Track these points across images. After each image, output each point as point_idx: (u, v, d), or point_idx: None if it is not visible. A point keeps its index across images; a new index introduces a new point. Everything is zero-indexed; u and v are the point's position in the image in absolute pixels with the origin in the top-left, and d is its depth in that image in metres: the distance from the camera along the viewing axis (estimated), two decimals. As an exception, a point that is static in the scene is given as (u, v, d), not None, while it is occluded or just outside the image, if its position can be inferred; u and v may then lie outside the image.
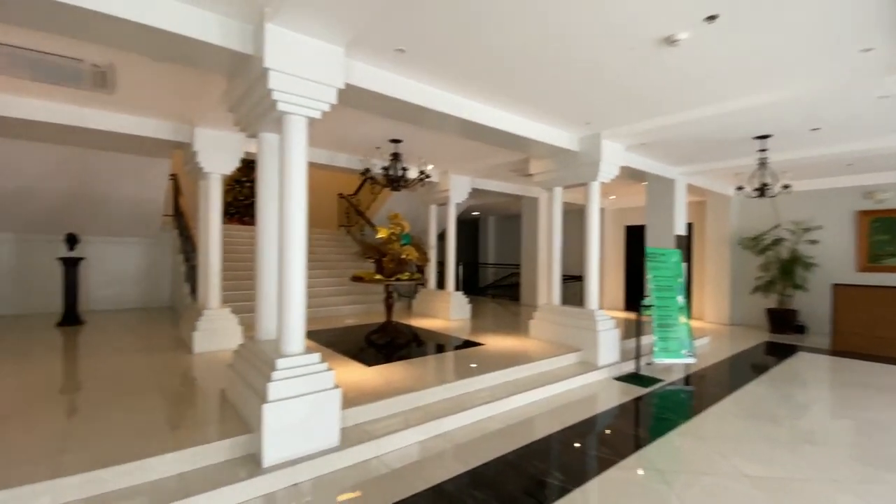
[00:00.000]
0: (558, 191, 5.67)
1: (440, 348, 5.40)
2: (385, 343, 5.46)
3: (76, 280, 6.51)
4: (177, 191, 8.34)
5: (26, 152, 5.79)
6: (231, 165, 5.02)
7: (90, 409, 3.11)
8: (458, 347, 5.35)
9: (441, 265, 7.83)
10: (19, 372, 4.00)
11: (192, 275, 6.76)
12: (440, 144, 5.65)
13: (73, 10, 2.23)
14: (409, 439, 3.13)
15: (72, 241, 6.52)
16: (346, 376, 3.92)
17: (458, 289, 7.72)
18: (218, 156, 4.93)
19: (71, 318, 6.40)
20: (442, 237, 8.48)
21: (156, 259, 8.46)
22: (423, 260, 5.62)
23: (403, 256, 5.29)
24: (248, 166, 10.35)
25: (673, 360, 5.00)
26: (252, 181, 10.70)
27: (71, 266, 6.46)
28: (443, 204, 7.61)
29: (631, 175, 6.57)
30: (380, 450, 2.95)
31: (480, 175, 7.50)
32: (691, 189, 7.56)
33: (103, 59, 3.28)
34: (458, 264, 8.67)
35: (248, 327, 5.44)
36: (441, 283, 7.80)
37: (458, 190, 7.25)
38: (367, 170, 5.33)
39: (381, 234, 5.49)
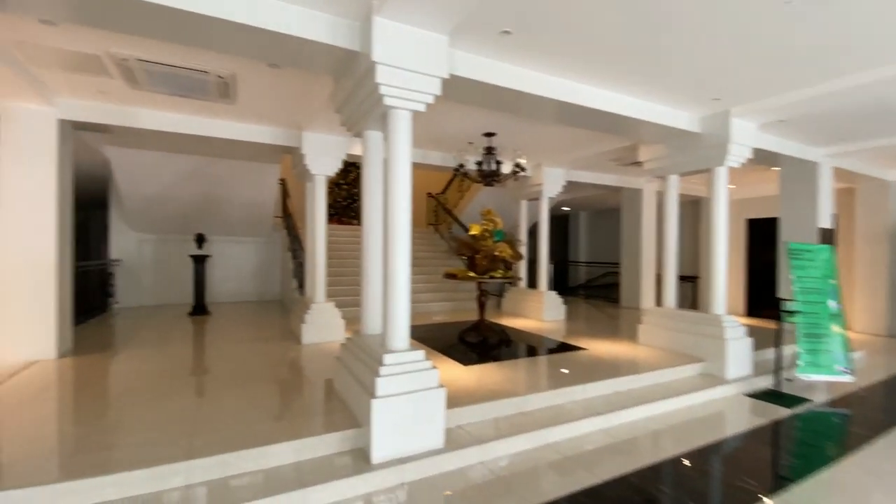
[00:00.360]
0: (674, 179, 5.07)
1: (537, 351, 5.13)
2: (478, 342, 5.33)
3: (204, 275, 7.32)
4: (285, 194, 9.02)
5: (163, 162, 6.62)
6: (334, 167, 5.24)
7: (215, 392, 3.39)
8: (556, 351, 5.03)
9: (532, 263, 7.51)
10: (159, 356, 4.54)
11: (299, 271, 7.25)
12: (535, 136, 5.37)
13: (197, 19, 2.38)
14: (514, 447, 2.94)
15: (200, 240, 7.34)
16: (442, 375, 3.84)
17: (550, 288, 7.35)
18: (323, 158, 5.17)
19: (200, 308, 7.21)
20: (532, 234, 8.15)
21: (267, 257, 9.26)
22: (516, 257, 5.39)
23: (496, 253, 5.11)
24: (345, 169, 10.92)
25: (823, 377, 4.19)
26: (349, 183, 11.28)
27: (199, 263, 7.28)
28: (534, 199, 7.29)
29: (761, 159, 5.68)
30: (485, 455, 2.81)
31: (576, 166, 7.05)
32: (837, 174, 6.36)
33: (225, 70, 3.55)
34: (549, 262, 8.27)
35: (350, 321, 5.69)
36: (532, 282, 7.49)
37: (552, 183, 6.88)
38: (461, 165, 5.23)
39: (474, 230, 5.37)
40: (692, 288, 9.72)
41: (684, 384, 4.18)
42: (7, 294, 4.10)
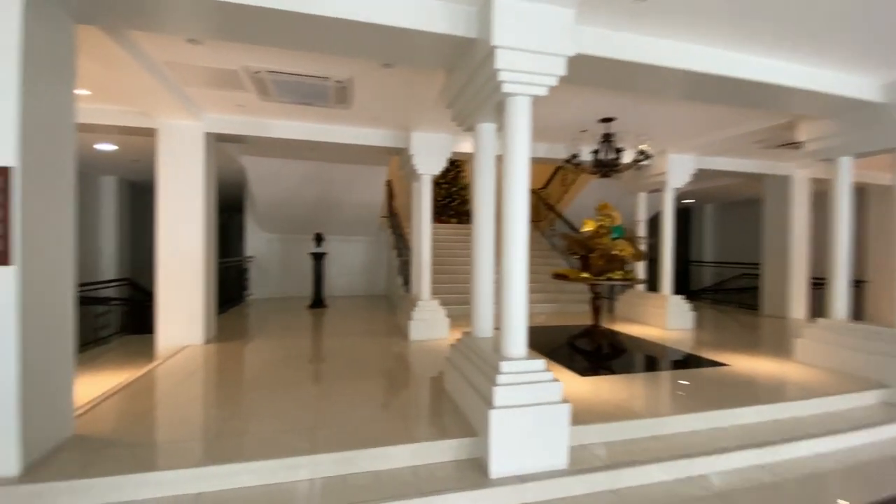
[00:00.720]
0: (845, 162, 4.11)
1: (663, 364, 4.54)
2: (592, 350, 4.89)
3: (322, 271, 7.88)
4: (390, 195, 9.34)
5: (287, 168, 7.23)
6: (440, 165, 5.21)
7: (333, 384, 3.51)
8: (687, 365, 4.40)
9: (651, 263, 6.75)
10: (284, 345, 4.91)
11: (404, 268, 7.44)
12: (660, 118, 4.75)
13: (321, 22, 2.41)
14: (649, 476, 2.54)
15: (319, 239, 7.92)
16: (559, 384, 3.54)
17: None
18: (430, 157, 5.17)
19: (318, 302, 7.78)
20: (650, 230, 7.35)
21: (374, 255, 9.72)
22: (637, 256, 4.84)
23: (615, 252, 4.62)
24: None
25: None
26: (447, 182, 11.37)
27: (318, 260, 7.86)
28: (655, 190, 6.54)
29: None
30: (615, 482, 2.47)
31: (709, 152, 6.14)
32: None
33: (343, 75, 3.66)
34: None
35: (454, 319, 5.65)
36: (652, 285, 6.73)
37: (679, 172, 6.09)
38: (574, 155, 4.83)
39: (588, 226, 4.93)
40: (856, 294, 7.98)
41: (862, 415, 3.34)
42: (166, 287, 4.76)
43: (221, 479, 2.18)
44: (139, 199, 9.94)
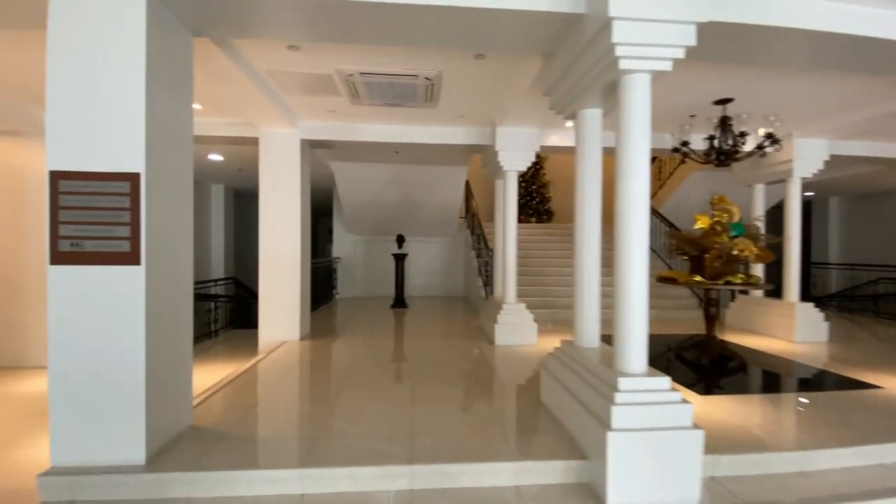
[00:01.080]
0: None
1: (798, 384, 3.87)
2: (706, 364, 4.32)
3: (403, 272, 7.97)
4: (468, 195, 9.23)
5: (371, 172, 7.41)
6: (527, 161, 4.96)
7: (424, 388, 3.41)
8: (829, 386, 3.70)
9: (772, 265, 5.87)
10: (372, 343, 4.97)
11: (484, 270, 7.26)
12: (785, 97, 4.06)
13: (415, 11, 2.30)
14: (804, 523, 2.10)
15: (400, 240, 8.02)
16: (674, 402, 3.12)
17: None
18: (516, 153, 4.94)
19: (399, 302, 7.88)
20: (768, 227, 6.40)
21: (452, 255, 9.66)
22: (763, 257, 4.18)
23: (735, 252, 4.02)
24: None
25: None
26: (525, 180, 10.99)
27: (399, 261, 7.96)
28: (774, 181, 5.69)
29: None
30: (760, 528, 2.06)
31: (844, 135, 5.20)
32: None
33: (432, 71, 3.57)
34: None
35: (539, 324, 5.35)
36: (774, 290, 5.85)
37: (807, 159, 5.22)
38: (684, 143, 4.30)
39: (701, 223, 4.36)
40: None
41: None
42: (267, 287, 5.03)
43: (324, 482, 2.15)
44: (242, 205, 10.88)
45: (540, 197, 10.82)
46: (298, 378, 3.85)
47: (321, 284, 8.20)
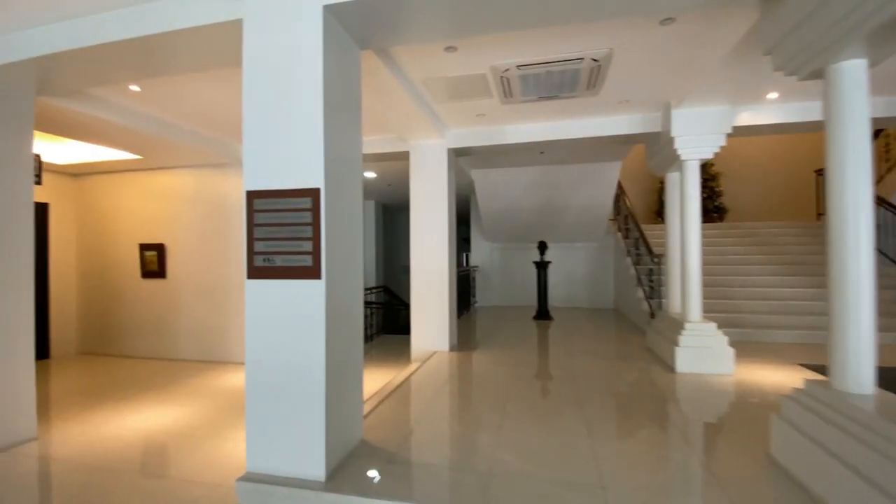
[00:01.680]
0: None
1: None
2: None
3: (546, 281, 7.46)
4: (619, 194, 8.31)
5: (511, 177, 7.10)
6: (714, 146, 4.09)
7: (603, 422, 2.90)
8: None
9: None
10: (522, 359, 4.59)
11: (646, 280, 6.35)
12: None
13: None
14: None
15: (542, 247, 7.53)
16: None
17: None
18: (699, 137, 4.11)
19: (543, 313, 7.38)
20: None
21: (598, 262, 8.79)
22: None
23: None
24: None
25: None
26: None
27: (542, 269, 7.47)
28: None
29: None
30: None
31: None
32: None
33: (602, 49, 3.09)
34: None
35: (738, 349, 4.37)
36: None
37: None
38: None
39: None
40: None
41: None
42: (418, 296, 5.06)
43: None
44: (388, 218, 11.65)
45: (708, 191, 9.25)
46: (457, 395, 3.66)
47: (460, 293, 8.16)
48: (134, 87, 3.64)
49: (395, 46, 2.95)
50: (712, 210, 9.25)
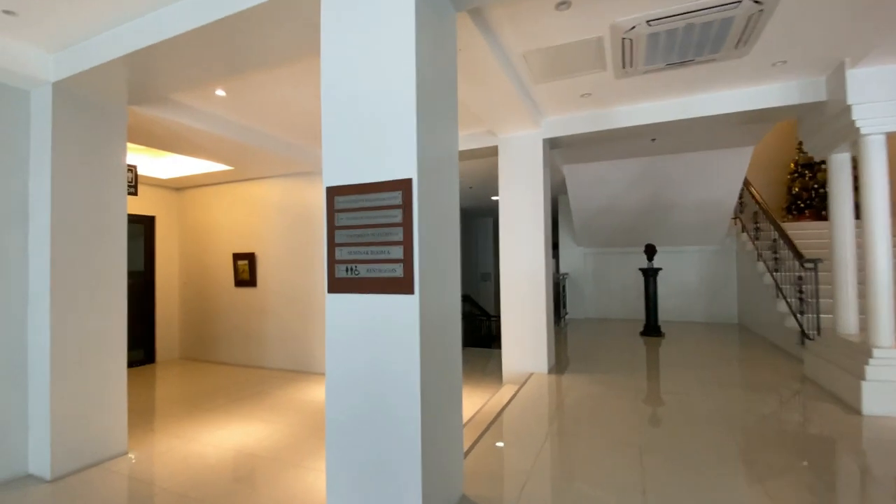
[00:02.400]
0: None
1: None
2: None
3: (655, 291, 6.45)
4: (744, 186, 7.01)
5: (610, 171, 6.25)
6: (918, 111, 3.04)
7: (782, 490, 2.08)
8: None
9: None
10: (635, 388, 3.78)
11: (792, 290, 5.15)
12: None
13: None
14: None
15: (650, 252, 6.54)
16: None
17: None
18: (888, 105, 3.09)
19: (653, 328, 6.37)
20: None
21: (718, 269, 7.51)
22: None
23: None
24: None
25: None
26: (801, 165, 7.82)
27: (650, 277, 6.47)
28: None
29: None
30: None
31: None
32: None
33: (770, -14, 2.30)
34: None
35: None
36: None
37: None
38: None
39: None
40: None
41: None
42: (509, 308, 4.46)
43: None
44: (465, 223, 11.21)
45: (816, 186, 7.57)
46: (571, 435, 2.99)
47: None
48: (220, 92, 3.54)
49: (495, 6, 2.44)
50: (823, 207, 7.52)
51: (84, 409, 2.90)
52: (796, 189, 8.02)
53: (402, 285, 1.70)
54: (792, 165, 8.07)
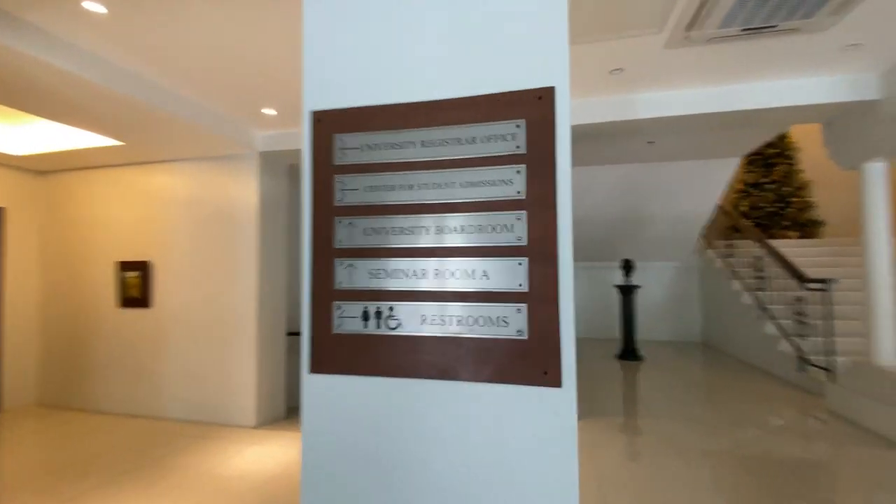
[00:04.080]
0: None
1: None
2: None
3: (633, 310, 5.94)
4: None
5: (594, 178, 5.69)
6: None
7: None
8: None
9: None
10: (655, 430, 3.04)
11: (788, 311, 4.84)
12: None
13: None
14: None
15: (628, 267, 6.05)
16: None
17: None
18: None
19: (630, 352, 5.83)
20: None
21: (682, 286, 7.27)
22: None
23: None
24: (764, 160, 7.92)
25: None
26: (774, 182, 8.05)
27: (627, 295, 5.96)
28: None
29: None
30: None
31: None
32: None
33: None
34: None
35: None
36: None
37: None
38: None
39: None
40: None
41: None
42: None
43: None
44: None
45: (800, 203, 7.82)
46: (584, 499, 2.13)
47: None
48: (96, 6, 2.22)
49: None
50: (805, 223, 7.80)
51: None
52: (745, 207, 8.16)
53: (534, 361, 0.68)
54: (741, 185, 8.21)
